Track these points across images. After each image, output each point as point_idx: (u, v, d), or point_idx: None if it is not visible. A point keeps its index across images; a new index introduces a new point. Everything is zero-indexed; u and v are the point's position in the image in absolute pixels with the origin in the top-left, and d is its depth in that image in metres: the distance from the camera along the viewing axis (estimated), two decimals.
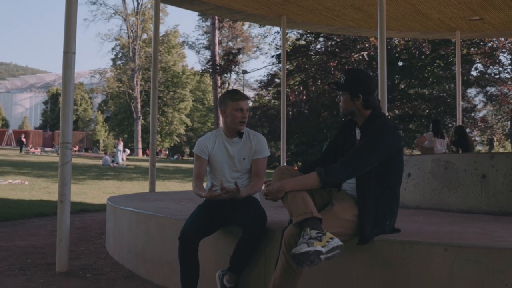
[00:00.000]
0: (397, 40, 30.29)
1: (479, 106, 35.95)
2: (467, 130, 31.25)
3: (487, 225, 4.42)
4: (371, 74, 4.53)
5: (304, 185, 3.47)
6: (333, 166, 3.49)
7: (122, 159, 38.65)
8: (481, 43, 30.35)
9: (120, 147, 39.64)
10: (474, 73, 33.51)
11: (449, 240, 3.42)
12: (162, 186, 18.94)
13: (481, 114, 35.85)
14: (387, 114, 27.62)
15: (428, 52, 30.47)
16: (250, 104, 46.55)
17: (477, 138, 37.45)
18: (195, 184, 4.46)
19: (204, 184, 4.53)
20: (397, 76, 32.13)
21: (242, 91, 4.51)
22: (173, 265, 4.57)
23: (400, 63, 32.88)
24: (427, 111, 30.52)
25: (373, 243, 3.47)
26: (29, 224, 9.27)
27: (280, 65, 30.13)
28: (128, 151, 48.52)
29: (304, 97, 33.19)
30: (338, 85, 3.77)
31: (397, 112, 29.59)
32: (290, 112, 31.70)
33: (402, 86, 33.14)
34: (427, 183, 6.09)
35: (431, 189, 6.03)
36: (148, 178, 9.63)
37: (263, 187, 3.93)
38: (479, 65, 33.35)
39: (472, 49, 31.10)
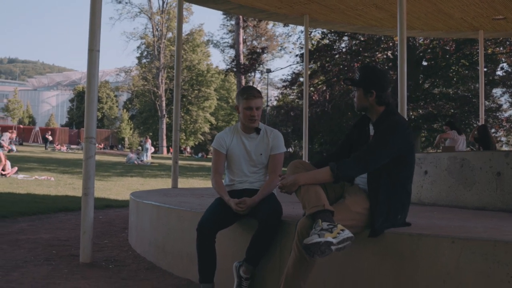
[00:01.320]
0: (421, 40, 30.14)
1: (504, 106, 35.56)
2: (492, 130, 31.05)
3: (499, 221, 4.49)
4: (391, 72, 4.63)
5: (317, 179, 3.59)
6: (345, 161, 3.60)
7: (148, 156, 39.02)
8: (507, 42, 30.06)
9: (148, 145, 39.98)
10: (500, 72, 33.21)
11: (457, 233, 3.52)
12: (186, 183, 19.13)
13: (506, 114, 35.42)
14: (411, 113, 27.55)
15: (452, 51, 30.25)
16: (274, 103, 46.66)
17: (502, 139, 37.10)
18: (215, 180, 4.61)
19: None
20: (421, 75, 31.95)
21: (256, 88, 4.61)
22: (193, 258, 4.71)
23: (425, 63, 32.70)
24: (452, 110, 30.30)
25: (384, 236, 3.58)
26: (55, 218, 9.49)
27: (303, 63, 30.24)
28: (153, 149, 48.92)
29: (328, 97, 33.15)
30: (353, 81, 3.88)
31: (421, 111, 29.41)
32: (314, 111, 31.69)
33: (427, 86, 32.96)
34: (443, 180, 6.17)
35: (447, 187, 6.11)
36: (171, 175, 9.79)
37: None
38: (505, 65, 33.02)
39: (497, 48, 30.82)
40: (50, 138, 51.86)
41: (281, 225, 4.17)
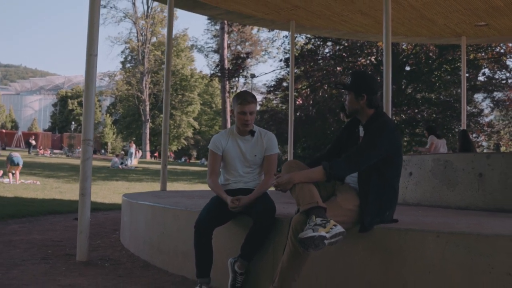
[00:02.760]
0: (404, 45, 30.51)
1: (485, 111, 36.01)
2: (473, 135, 31.47)
3: (481, 219, 4.72)
4: (378, 78, 4.86)
5: (311, 178, 3.80)
6: (337, 161, 3.81)
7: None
8: (489, 49, 30.49)
9: (133, 149, 40.04)
10: (481, 78, 33.62)
11: (442, 228, 3.74)
12: (171, 187, 19.22)
13: (488, 119, 35.87)
14: (394, 118, 27.82)
15: (434, 57, 30.64)
16: (258, 108, 46.86)
17: (484, 143, 37.59)
18: (211, 180, 4.81)
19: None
20: (404, 80, 32.31)
21: (251, 93, 4.81)
22: (188, 255, 4.89)
23: (408, 68, 33.06)
24: (434, 115, 30.67)
25: (373, 231, 3.80)
26: (45, 221, 9.61)
27: (288, 69, 30.40)
28: (141, 152, 48.93)
29: (311, 101, 33.41)
30: (344, 85, 4.11)
31: (403, 116, 29.75)
32: (298, 116, 31.91)
33: (409, 91, 33.32)
34: (427, 181, 6.41)
35: (431, 187, 6.35)
36: (159, 179, 9.96)
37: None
38: (486, 70, 33.47)
39: (479, 54, 31.25)
40: (33, 142, 51.73)
41: (274, 222, 4.36)
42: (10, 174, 18.52)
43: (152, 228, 5.98)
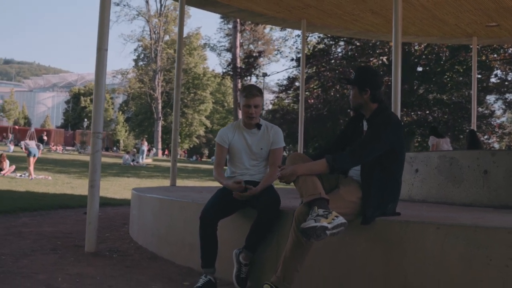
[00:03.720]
0: (416, 46, 30.45)
1: (497, 113, 35.82)
2: (485, 136, 31.35)
3: (483, 214, 4.77)
4: (386, 78, 4.92)
5: (314, 170, 3.87)
6: (341, 154, 3.88)
7: (147, 156, 39.23)
8: (501, 50, 30.36)
9: (144, 147, 40.21)
10: (493, 79, 33.48)
11: (442, 221, 3.79)
12: (181, 183, 19.34)
13: (499, 121, 35.69)
14: (405, 118, 27.77)
15: (444, 57, 30.51)
16: (270, 107, 46.87)
17: (495, 145, 37.40)
18: (217, 172, 4.91)
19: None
20: (416, 81, 32.22)
21: (257, 87, 4.88)
22: (194, 247, 4.97)
23: (420, 68, 32.97)
24: (446, 116, 30.57)
25: (375, 223, 3.86)
26: (55, 214, 9.73)
27: (300, 68, 30.46)
28: (154, 150, 49.06)
29: (322, 101, 33.41)
30: (348, 80, 4.18)
31: (414, 117, 29.66)
32: (309, 114, 31.90)
33: (421, 91, 33.22)
34: (433, 178, 6.45)
35: (437, 184, 6.39)
36: (169, 175, 10.03)
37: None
38: (499, 72, 33.31)
39: (491, 55, 31.11)
40: (45, 138, 52.06)
41: (279, 215, 4.44)
42: (31, 169, 18.67)
43: (159, 220, 6.08)
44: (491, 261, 3.39)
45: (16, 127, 77.45)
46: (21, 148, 18.96)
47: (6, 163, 19.80)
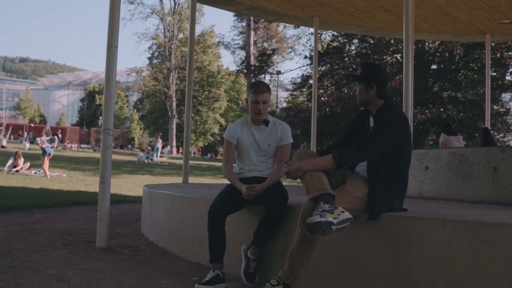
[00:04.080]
0: (430, 43, 30.31)
1: None
2: (500, 134, 31.15)
3: (492, 211, 4.76)
4: (400, 76, 4.91)
5: (320, 166, 3.89)
6: (347, 150, 3.90)
7: (162, 154, 39.37)
8: None
9: (159, 144, 40.37)
10: (509, 77, 33.20)
11: (448, 217, 3.80)
12: (195, 181, 19.44)
13: None
14: (419, 116, 27.62)
15: (458, 55, 30.32)
16: (284, 105, 46.86)
17: (511, 143, 37.12)
18: (226, 169, 4.94)
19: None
20: (430, 79, 32.09)
21: (265, 83, 4.91)
22: (204, 242, 4.99)
23: (434, 66, 32.83)
24: (461, 114, 30.40)
25: (381, 219, 3.87)
26: (69, 211, 9.82)
27: (313, 66, 30.35)
28: (168, 147, 49.18)
29: (336, 98, 33.35)
30: (355, 76, 4.19)
31: (429, 115, 29.51)
32: (323, 112, 31.87)
33: (435, 89, 33.06)
34: (443, 175, 6.44)
35: (447, 181, 6.38)
36: (182, 170, 10.07)
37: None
38: None
39: (506, 52, 30.88)
40: (60, 136, 52.40)
41: (286, 210, 4.46)
42: (46, 167, 18.81)
43: (170, 216, 6.13)
44: (497, 257, 3.39)
45: (32, 125, 78.04)
46: (38, 144, 19.14)
47: (21, 160, 20.00)
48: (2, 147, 39.11)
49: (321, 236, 3.64)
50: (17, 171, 19.56)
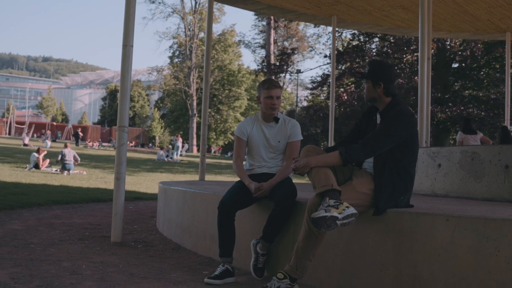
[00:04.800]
0: (452, 42, 30.12)
1: None
2: None
3: (501, 208, 4.77)
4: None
5: (327, 162, 3.95)
6: (353, 146, 3.96)
7: (181, 154, 39.56)
8: None
9: (179, 143, 40.56)
10: None
11: (452, 213, 3.84)
12: (213, 178, 19.56)
13: None
14: (439, 115, 27.42)
15: (480, 54, 30.06)
16: (305, 103, 46.83)
17: None
18: (236, 165, 5.03)
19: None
20: (451, 77, 31.91)
21: (275, 80, 5.00)
22: (215, 238, 5.09)
23: (455, 65, 32.64)
24: (482, 113, 30.18)
25: (386, 214, 3.93)
26: (87, 207, 9.99)
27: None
28: (187, 145, 49.41)
29: (356, 97, 33.30)
30: (363, 74, 4.25)
31: (449, 113, 29.32)
32: (342, 111, 31.86)
33: (457, 88, 32.87)
34: (455, 173, 6.46)
35: (459, 179, 6.40)
36: (202, 170, 10.18)
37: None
38: None
39: None
40: (81, 134, 52.94)
41: (295, 206, 4.54)
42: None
43: (183, 212, 6.23)
44: (499, 252, 3.43)
45: (54, 123, 78.86)
46: (58, 159, 19.36)
47: (42, 156, 20.31)
48: (25, 145, 39.63)
49: (326, 230, 3.71)
50: (38, 168, 19.87)
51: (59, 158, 19.27)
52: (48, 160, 20.72)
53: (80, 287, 4.04)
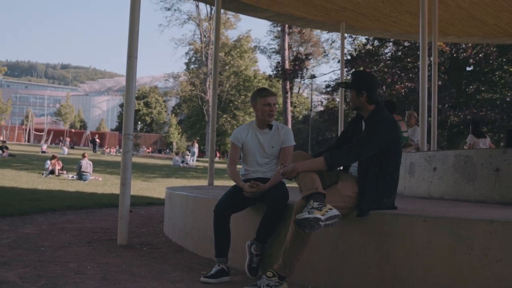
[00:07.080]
0: (463, 45, 30.10)
1: None
2: None
3: (488, 210, 4.96)
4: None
5: (313, 167, 4.19)
6: (338, 152, 4.20)
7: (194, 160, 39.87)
8: None
9: (195, 148, 40.87)
10: None
11: (429, 214, 4.06)
12: (224, 184, 19.74)
13: None
14: (452, 119, 27.37)
15: (492, 57, 29.98)
16: (320, 108, 46.92)
17: None
18: (230, 169, 5.31)
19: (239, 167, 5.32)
20: (464, 81, 31.87)
21: (270, 89, 5.26)
22: None
23: (469, 68, 32.57)
24: (493, 116, 30.10)
25: (369, 216, 4.17)
26: (100, 212, 10.27)
27: (346, 69, 30.41)
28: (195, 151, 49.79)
29: None
30: (346, 84, 4.51)
31: (462, 116, 29.26)
32: (355, 115, 31.92)
33: (470, 91, 32.80)
34: (450, 176, 6.66)
35: (453, 182, 6.59)
36: (217, 177, 10.42)
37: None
38: None
39: None
40: (98, 141, 53.51)
41: (287, 208, 4.77)
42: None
43: (186, 215, 6.50)
44: (472, 251, 3.64)
45: (72, 130, 79.58)
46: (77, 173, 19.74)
47: (57, 163, 20.75)
48: (43, 152, 40.18)
49: (310, 231, 3.95)
50: (54, 174, 20.29)
51: (77, 171, 19.61)
52: (61, 165, 21.17)
53: (83, 285, 4.30)
